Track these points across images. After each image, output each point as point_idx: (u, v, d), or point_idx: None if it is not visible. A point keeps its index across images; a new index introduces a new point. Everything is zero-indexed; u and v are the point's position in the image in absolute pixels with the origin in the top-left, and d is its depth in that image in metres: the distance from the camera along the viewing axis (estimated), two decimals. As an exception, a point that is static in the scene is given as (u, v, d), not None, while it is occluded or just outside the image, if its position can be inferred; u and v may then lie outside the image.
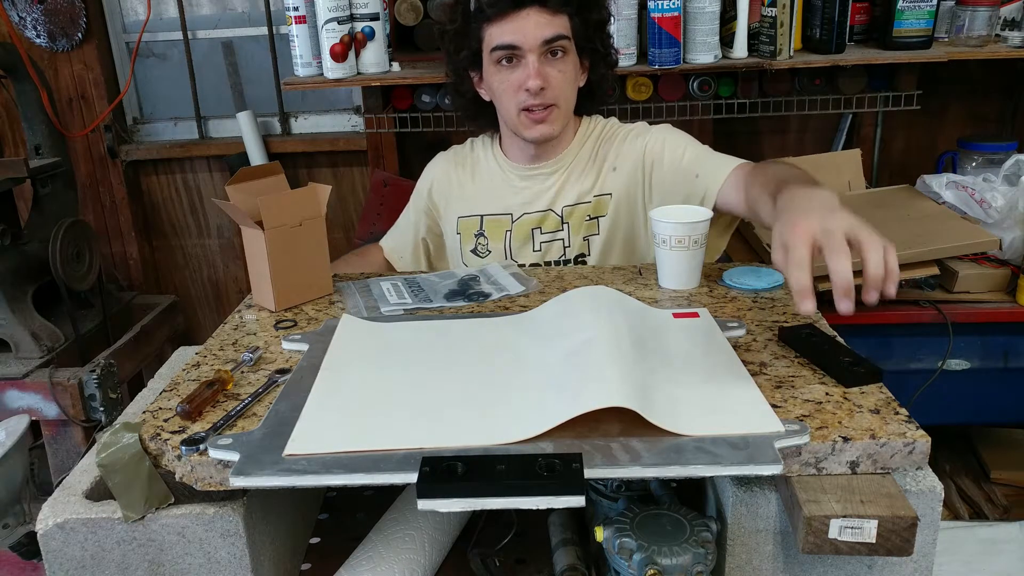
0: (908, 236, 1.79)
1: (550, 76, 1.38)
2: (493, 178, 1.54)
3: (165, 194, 2.64)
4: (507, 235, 1.51)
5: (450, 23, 1.45)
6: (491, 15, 1.37)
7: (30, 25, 2.39)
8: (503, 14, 1.36)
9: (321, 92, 2.56)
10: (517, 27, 1.35)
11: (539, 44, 1.36)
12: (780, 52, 1.87)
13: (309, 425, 0.84)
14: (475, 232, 1.53)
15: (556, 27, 1.37)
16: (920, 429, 0.80)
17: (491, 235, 1.52)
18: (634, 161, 1.47)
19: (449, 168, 1.59)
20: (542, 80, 1.36)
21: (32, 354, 1.92)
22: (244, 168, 1.22)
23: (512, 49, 1.36)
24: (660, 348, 0.98)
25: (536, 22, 1.35)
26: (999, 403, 1.88)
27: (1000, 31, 2.01)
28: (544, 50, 1.36)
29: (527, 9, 1.35)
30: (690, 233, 1.17)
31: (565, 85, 1.41)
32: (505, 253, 1.52)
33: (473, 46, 1.42)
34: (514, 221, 1.51)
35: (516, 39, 1.36)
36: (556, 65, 1.38)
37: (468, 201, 1.55)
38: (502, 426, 0.82)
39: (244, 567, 0.85)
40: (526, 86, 1.37)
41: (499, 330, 1.07)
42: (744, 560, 0.83)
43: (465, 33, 1.42)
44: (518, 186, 1.52)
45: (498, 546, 1.01)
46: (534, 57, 1.36)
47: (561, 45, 1.38)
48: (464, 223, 1.54)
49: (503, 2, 1.35)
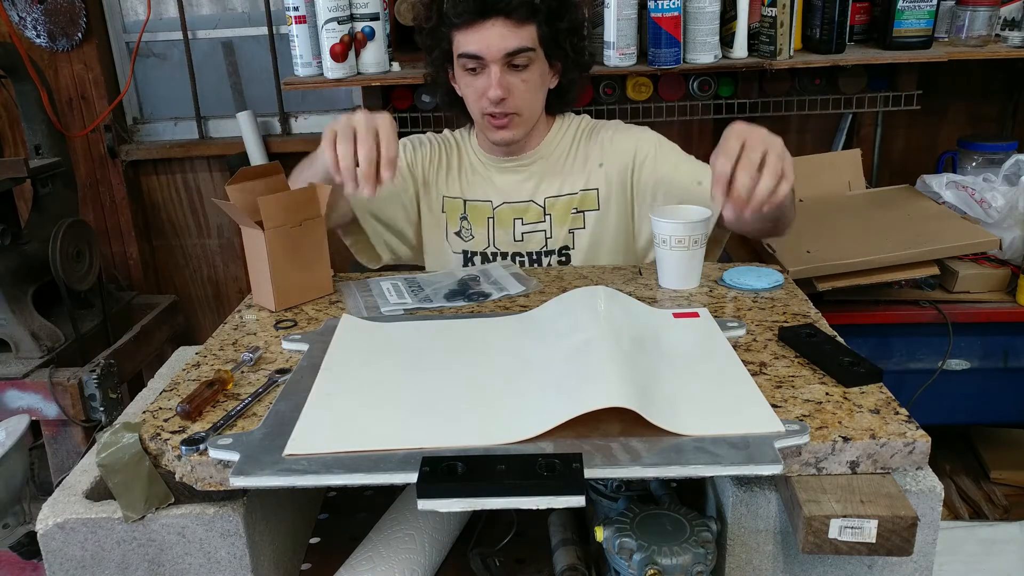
0: (908, 236, 1.79)
1: (512, 86, 1.39)
2: (474, 167, 1.56)
3: (165, 194, 2.64)
4: (489, 222, 1.53)
5: (425, 21, 1.46)
6: (458, 23, 1.38)
7: (30, 25, 2.39)
8: (468, 23, 1.36)
9: (321, 92, 2.56)
10: (481, 37, 1.36)
11: (502, 56, 1.36)
12: (780, 52, 1.87)
13: (309, 425, 0.84)
14: (460, 215, 1.54)
15: (521, 38, 1.36)
16: (920, 429, 0.80)
17: (474, 221, 1.54)
18: (623, 159, 1.48)
19: (434, 146, 1.58)
20: (503, 91, 1.37)
21: (32, 354, 1.92)
22: (244, 168, 1.22)
23: (475, 59, 1.38)
24: (660, 348, 0.98)
25: (500, 33, 1.35)
26: (999, 403, 1.88)
27: (1000, 31, 2.01)
28: (507, 61, 1.37)
29: (492, 19, 1.35)
30: (690, 233, 1.17)
31: (528, 94, 1.41)
32: (488, 239, 1.53)
33: (444, 47, 1.44)
34: (495, 208, 1.53)
35: (479, 49, 1.36)
36: (519, 75, 1.39)
37: (453, 182, 1.56)
38: (502, 426, 0.82)
39: (244, 567, 0.85)
40: (488, 95, 1.38)
41: (499, 330, 1.07)
42: (744, 560, 0.83)
43: (437, 33, 1.43)
44: (496, 178, 1.54)
45: (498, 546, 1.01)
46: (497, 68, 1.37)
47: (525, 57, 1.38)
48: (449, 203, 1.55)
49: (468, 12, 1.35)
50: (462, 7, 1.35)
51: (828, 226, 1.91)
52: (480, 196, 1.54)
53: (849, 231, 1.87)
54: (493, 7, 1.34)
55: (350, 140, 1.09)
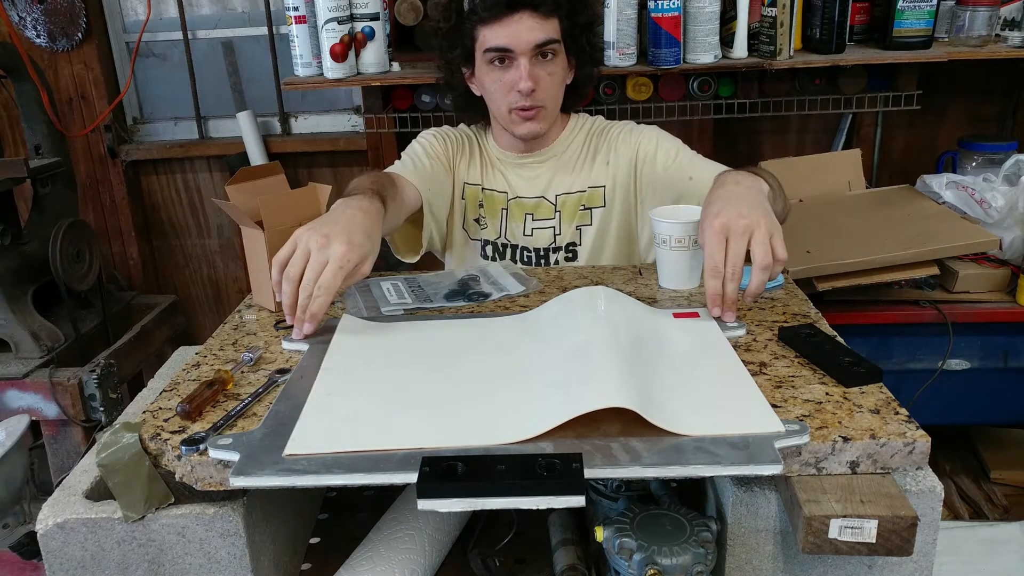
0: (908, 236, 1.79)
1: (540, 78, 1.41)
2: (491, 160, 1.58)
3: (165, 194, 2.64)
4: (503, 212, 1.55)
5: (444, 22, 1.47)
6: (485, 17, 1.40)
7: (30, 25, 2.39)
8: (496, 17, 1.39)
9: (321, 92, 2.56)
10: (510, 31, 1.38)
11: (531, 48, 1.39)
12: (780, 52, 1.87)
13: (309, 425, 0.84)
14: (478, 202, 1.57)
15: (547, 31, 1.40)
16: (920, 429, 0.80)
17: (489, 210, 1.56)
18: (628, 157, 1.51)
19: (456, 135, 1.60)
20: (533, 82, 1.40)
21: (32, 354, 1.92)
22: (244, 168, 1.22)
23: (505, 52, 1.40)
24: (660, 348, 0.98)
25: (528, 26, 1.38)
26: (999, 403, 1.88)
27: (1000, 31, 2.01)
28: (535, 53, 1.40)
29: (520, 13, 1.38)
30: (690, 233, 1.17)
31: (554, 86, 1.45)
32: (500, 230, 1.56)
33: (467, 44, 1.45)
34: (509, 200, 1.55)
35: (509, 42, 1.39)
36: (546, 67, 1.42)
37: (474, 171, 1.58)
38: (502, 426, 0.82)
39: (244, 567, 0.85)
40: (518, 87, 1.40)
41: (499, 330, 1.07)
42: (744, 560, 0.83)
43: (458, 32, 1.45)
44: (510, 173, 1.56)
45: (498, 546, 1.01)
46: (526, 60, 1.39)
47: (552, 48, 1.41)
48: (470, 190, 1.57)
49: (497, 6, 1.38)
50: (491, 1, 1.38)
51: (828, 226, 1.91)
52: (497, 186, 1.56)
53: (849, 231, 1.87)
54: (522, 0, 1.37)
55: (293, 281, 1.03)
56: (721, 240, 1.02)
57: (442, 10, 1.49)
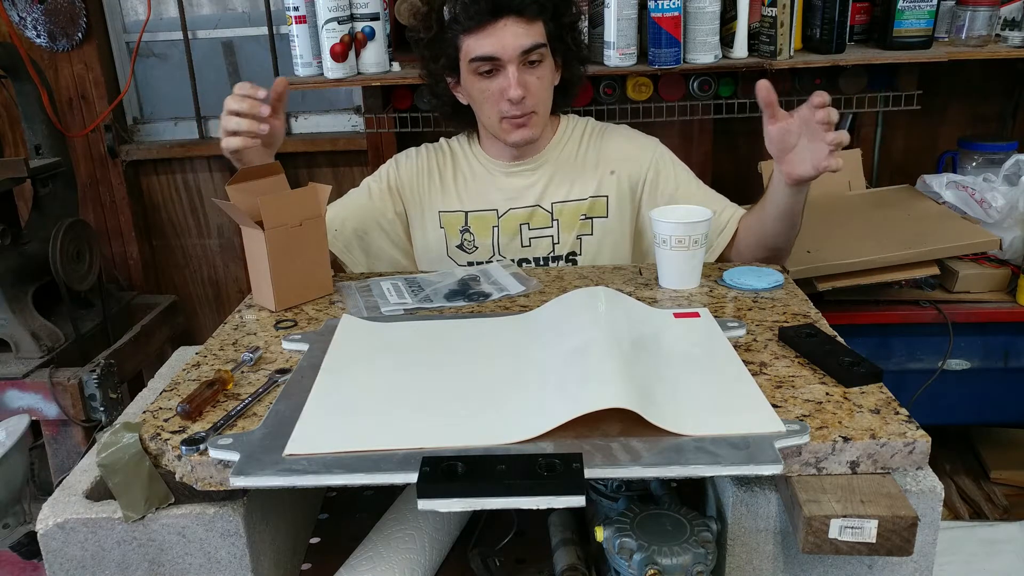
0: (908, 236, 1.79)
1: (529, 84, 1.39)
2: (476, 175, 1.54)
3: (165, 194, 2.64)
4: (494, 231, 1.52)
5: (425, 31, 1.44)
6: (468, 26, 1.37)
7: (30, 25, 2.39)
8: (480, 25, 1.36)
9: (321, 92, 2.56)
10: (495, 38, 1.36)
11: (518, 54, 1.36)
12: (780, 52, 1.87)
13: (309, 425, 0.84)
14: (460, 228, 1.53)
15: (533, 35, 1.37)
16: (920, 429, 0.80)
17: (477, 232, 1.52)
18: (637, 171, 1.48)
19: (423, 162, 1.56)
20: (523, 90, 1.37)
21: (32, 354, 1.92)
22: (244, 168, 1.22)
23: (491, 60, 1.37)
24: (660, 348, 0.98)
25: (514, 32, 1.35)
26: (999, 403, 1.88)
27: (1000, 31, 2.01)
28: (522, 59, 1.37)
29: (504, 19, 1.35)
30: (690, 233, 1.17)
31: (543, 91, 1.42)
32: (493, 249, 1.52)
33: (450, 54, 1.42)
34: (500, 216, 1.51)
35: (495, 50, 1.36)
36: (534, 72, 1.39)
37: (450, 196, 1.54)
38: (502, 426, 0.82)
39: (244, 567, 0.85)
40: (508, 96, 1.38)
41: (499, 330, 1.07)
42: (744, 560, 0.83)
43: (441, 41, 1.42)
44: (503, 183, 1.52)
45: (498, 546, 1.01)
46: (514, 67, 1.37)
47: (539, 53, 1.38)
48: (447, 218, 1.53)
49: (480, 13, 1.35)
50: (473, 9, 1.35)
51: (828, 226, 1.90)
52: (483, 205, 1.52)
53: (849, 231, 1.87)
54: (506, 6, 1.34)
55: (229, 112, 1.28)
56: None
57: (423, 19, 1.45)
